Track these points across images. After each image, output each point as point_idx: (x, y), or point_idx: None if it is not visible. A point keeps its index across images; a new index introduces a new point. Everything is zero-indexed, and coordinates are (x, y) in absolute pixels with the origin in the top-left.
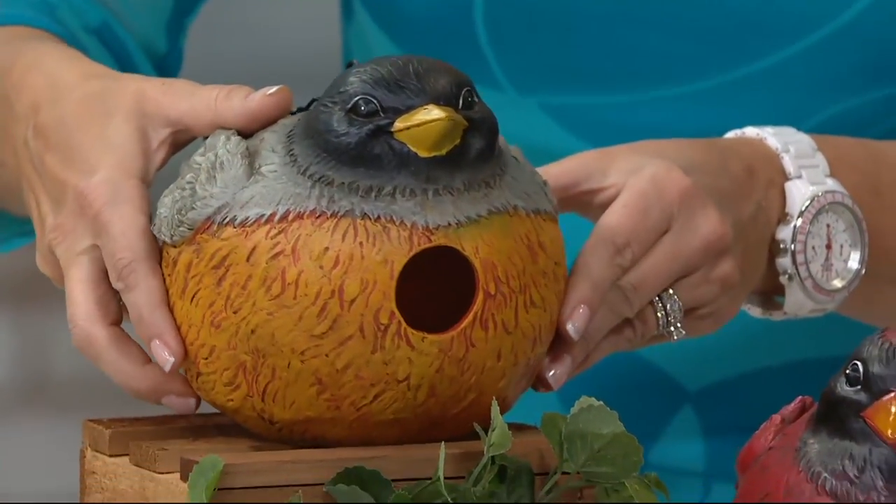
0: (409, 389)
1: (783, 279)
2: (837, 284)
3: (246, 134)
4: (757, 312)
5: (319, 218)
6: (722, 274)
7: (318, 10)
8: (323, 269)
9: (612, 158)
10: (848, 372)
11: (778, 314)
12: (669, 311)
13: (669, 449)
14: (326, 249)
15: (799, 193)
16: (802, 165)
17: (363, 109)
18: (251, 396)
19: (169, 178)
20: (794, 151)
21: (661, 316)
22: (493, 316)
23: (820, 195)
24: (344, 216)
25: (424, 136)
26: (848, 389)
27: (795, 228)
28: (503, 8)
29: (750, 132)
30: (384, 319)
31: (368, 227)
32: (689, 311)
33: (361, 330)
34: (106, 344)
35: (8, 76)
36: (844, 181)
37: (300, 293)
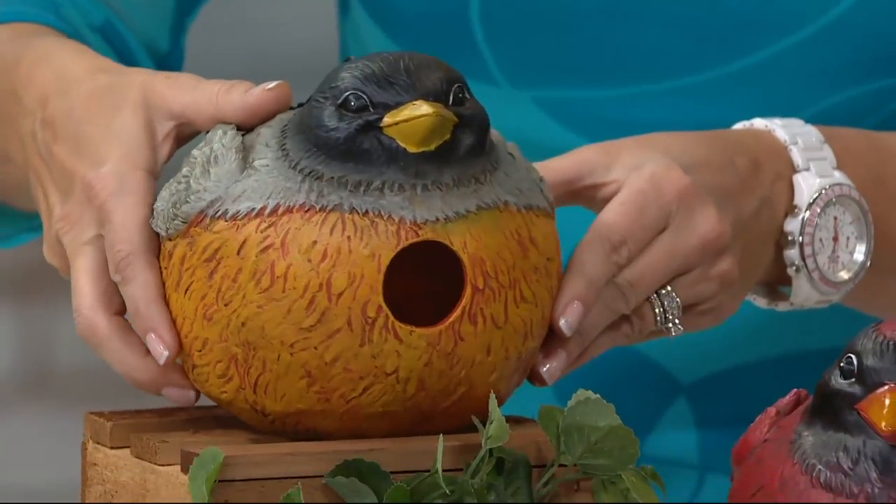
0: (397, 382)
1: (791, 271)
2: (844, 276)
3: (246, 129)
4: (762, 303)
5: (308, 212)
6: (720, 271)
7: (316, 6)
8: (311, 262)
9: (616, 153)
10: (842, 365)
11: (784, 305)
12: (667, 307)
13: (663, 441)
14: (315, 243)
15: (807, 186)
16: (810, 158)
17: (353, 105)
18: (243, 388)
19: (173, 172)
20: (802, 144)
21: (658, 312)
22: (481, 310)
23: (828, 188)
24: (333, 210)
25: (413, 131)
26: (842, 382)
27: (804, 221)
28: (499, 3)
29: (758, 124)
30: (371, 313)
31: (356, 221)
32: (688, 307)
33: (349, 323)
34: (109, 333)
35: (15, 70)
36: (850, 173)
37: (289, 286)
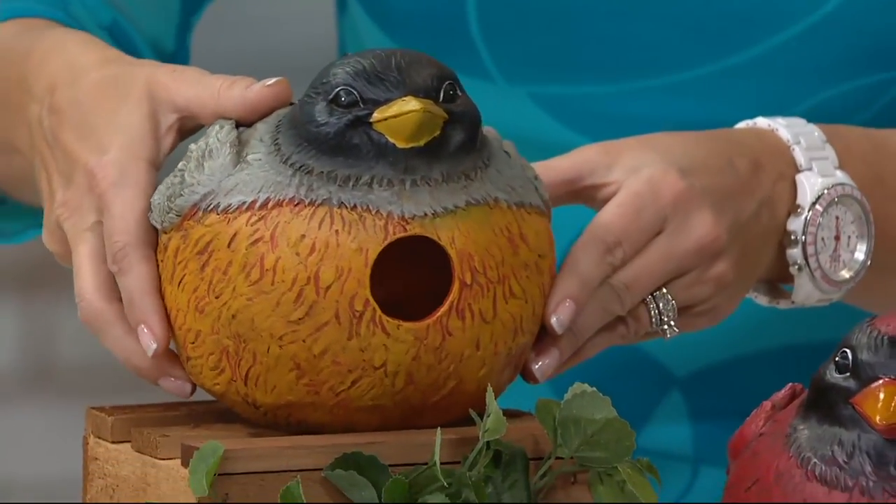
0: (386, 376)
1: (793, 270)
2: (845, 275)
3: (246, 124)
4: (764, 301)
5: (298, 206)
6: (716, 274)
7: (314, 4)
8: (299, 255)
9: (617, 154)
10: (837, 359)
11: (785, 303)
12: (662, 309)
13: (657, 433)
14: (303, 237)
15: (810, 185)
16: (813, 157)
17: (344, 100)
18: (235, 381)
19: (175, 165)
20: (804, 143)
21: (654, 314)
22: (469, 305)
23: (830, 187)
24: (321, 204)
25: (401, 126)
26: (837, 377)
27: (806, 220)
28: None
29: (761, 123)
30: (359, 306)
31: (345, 215)
32: (683, 309)
33: (337, 316)
34: (112, 319)
35: (27, 60)
36: (851, 172)
37: (277, 279)
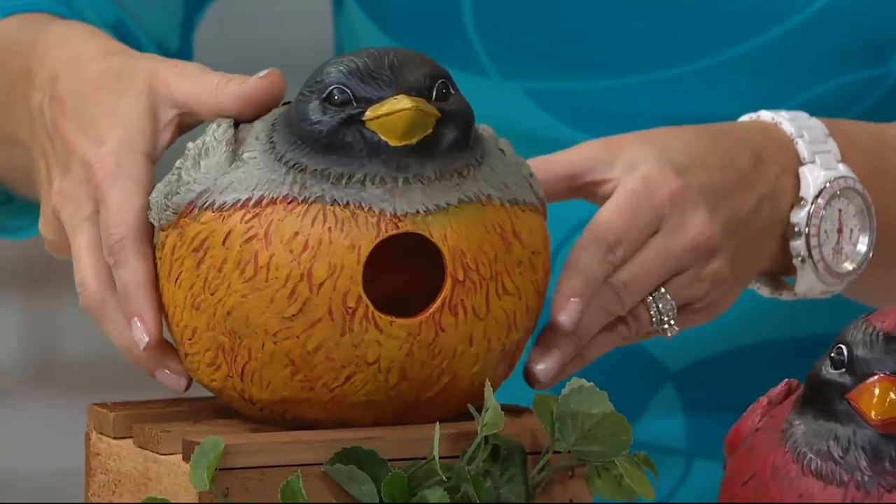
0: (379, 372)
1: (796, 262)
2: (848, 267)
3: (246, 121)
4: (766, 292)
5: (291, 203)
6: (712, 272)
7: (311, 2)
8: (293, 252)
9: (619, 149)
10: (833, 355)
11: (787, 294)
12: (662, 309)
13: (651, 427)
14: (296, 234)
15: (813, 178)
16: (816, 151)
17: (337, 99)
18: (231, 377)
19: (173, 164)
20: (807, 137)
21: (654, 314)
22: (462, 302)
23: (832, 180)
24: (315, 202)
25: (393, 125)
26: (833, 372)
27: (810, 212)
28: None
29: (765, 116)
30: (351, 303)
31: (337, 212)
32: (682, 306)
33: (330, 313)
34: (114, 308)
35: (32, 50)
36: (853, 165)
37: (271, 276)
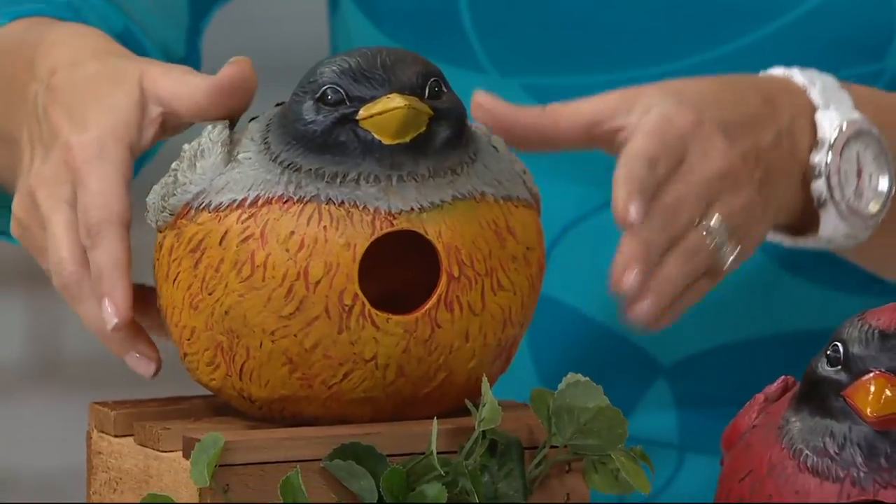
0: (377, 369)
1: (818, 204)
2: (872, 209)
3: (235, 119)
4: (788, 241)
5: (287, 203)
6: (742, 201)
7: (307, 3)
8: (289, 252)
9: (636, 98)
10: (829, 353)
11: (813, 240)
12: (715, 230)
13: (643, 421)
14: (292, 233)
15: (829, 121)
16: (830, 98)
17: (330, 98)
18: (230, 376)
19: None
20: (820, 86)
21: (709, 240)
22: (457, 298)
23: (849, 122)
24: (310, 201)
25: (387, 123)
26: (829, 370)
27: (828, 153)
28: None
29: (776, 72)
30: (348, 301)
31: (332, 211)
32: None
33: (327, 311)
34: (89, 288)
35: (38, 47)
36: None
37: (268, 275)
